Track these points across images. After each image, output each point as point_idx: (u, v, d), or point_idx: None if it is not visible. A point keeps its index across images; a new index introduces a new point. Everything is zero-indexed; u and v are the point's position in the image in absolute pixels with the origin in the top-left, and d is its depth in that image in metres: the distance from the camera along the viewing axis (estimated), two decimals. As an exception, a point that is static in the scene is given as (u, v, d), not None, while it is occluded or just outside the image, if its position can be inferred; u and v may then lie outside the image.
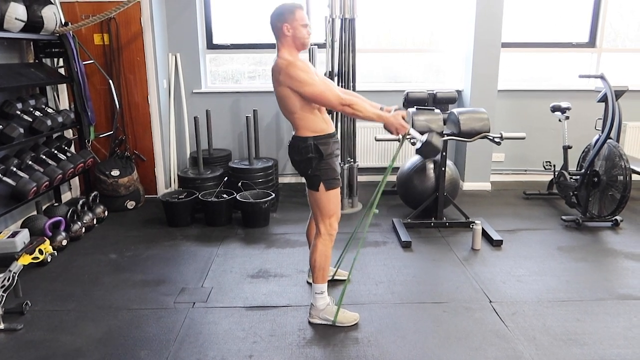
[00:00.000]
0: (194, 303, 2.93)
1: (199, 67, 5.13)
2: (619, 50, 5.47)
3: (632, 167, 4.04)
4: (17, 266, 2.88)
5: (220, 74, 5.45)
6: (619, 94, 4.03)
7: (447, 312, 2.81)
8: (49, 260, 3.42)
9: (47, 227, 3.61)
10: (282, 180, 5.27)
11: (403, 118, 2.51)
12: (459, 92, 5.18)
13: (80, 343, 2.54)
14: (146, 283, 3.19)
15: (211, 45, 5.24)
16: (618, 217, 4.05)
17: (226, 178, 4.50)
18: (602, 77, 3.96)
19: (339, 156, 2.69)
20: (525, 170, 5.49)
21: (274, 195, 4.26)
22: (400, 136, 2.56)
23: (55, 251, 3.50)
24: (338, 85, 4.42)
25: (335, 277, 3.16)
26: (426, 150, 2.64)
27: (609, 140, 3.97)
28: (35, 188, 3.56)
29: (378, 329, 2.65)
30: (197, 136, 4.59)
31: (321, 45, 4.65)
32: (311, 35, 2.56)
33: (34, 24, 3.82)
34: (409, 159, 4.42)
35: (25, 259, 3.01)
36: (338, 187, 2.61)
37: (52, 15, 3.93)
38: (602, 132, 3.99)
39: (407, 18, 5.32)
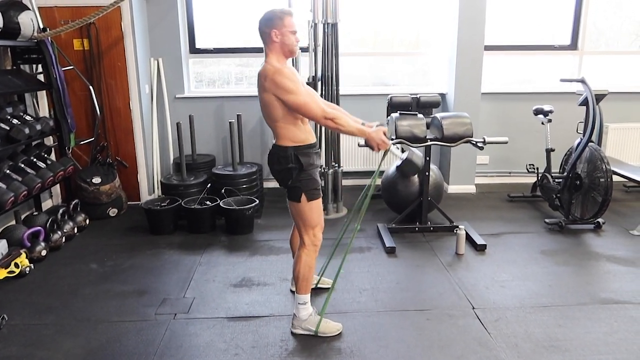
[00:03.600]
0: (176, 314, 2.89)
1: (181, 72, 5.08)
2: (601, 53, 5.52)
3: (613, 169, 4.08)
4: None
5: (207, 75, 5.40)
6: (599, 97, 4.06)
7: (431, 320, 2.80)
8: (27, 271, 3.35)
9: (26, 238, 3.54)
10: (267, 185, 5.24)
11: (384, 134, 2.50)
12: (443, 95, 5.19)
13: (58, 359, 2.49)
14: (127, 294, 3.14)
15: (194, 50, 5.19)
16: (600, 220, 4.08)
17: (209, 185, 4.46)
18: (582, 81, 3.99)
19: (320, 167, 2.66)
20: (510, 173, 5.52)
21: (258, 201, 4.23)
22: (382, 152, 2.54)
23: (32, 264, 3.44)
24: (321, 89, 4.41)
25: (319, 285, 3.14)
26: (406, 169, 2.63)
27: (590, 144, 4.00)
28: (12, 198, 3.49)
29: (361, 338, 2.63)
30: (179, 142, 4.54)
31: (304, 50, 4.63)
32: (299, 43, 2.53)
33: (10, 30, 3.74)
34: (394, 163, 4.42)
35: (1, 273, 2.95)
36: (320, 197, 2.59)
37: (29, 21, 3.86)
38: (584, 135, 4.02)
39: (392, 21, 5.32)
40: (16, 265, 3.16)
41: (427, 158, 3.94)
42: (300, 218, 2.58)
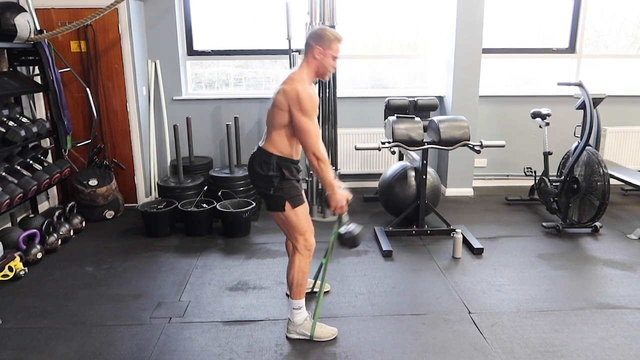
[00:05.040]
0: (171, 318, 2.88)
1: (179, 74, 5.07)
2: (599, 56, 5.51)
3: (611, 172, 4.08)
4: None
5: (206, 77, 5.39)
6: (597, 101, 4.06)
7: (426, 324, 2.79)
8: (22, 275, 3.33)
9: (21, 240, 3.53)
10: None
11: (347, 201, 2.55)
12: (440, 98, 5.19)
13: (51, 363, 2.48)
14: (122, 297, 3.13)
15: (191, 52, 5.19)
16: (597, 224, 4.07)
17: (205, 187, 4.45)
18: (580, 85, 3.98)
19: (300, 181, 2.64)
20: (507, 176, 5.52)
21: (254, 204, 4.22)
22: (336, 215, 2.62)
23: (27, 267, 3.42)
24: (318, 91, 4.40)
25: (315, 289, 3.13)
26: (344, 239, 2.66)
27: (587, 147, 4.00)
28: (8, 201, 3.48)
29: (356, 343, 2.62)
30: (176, 144, 4.53)
31: (302, 52, 4.62)
32: (334, 69, 2.60)
33: (6, 32, 3.74)
34: (391, 166, 4.41)
35: (-5, 277, 2.94)
36: (304, 202, 2.60)
37: (25, 23, 3.86)
38: (581, 139, 4.02)
39: (390, 24, 5.32)
40: (10, 269, 3.15)
41: (425, 161, 3.94)
42: (290, 226, 2.57)
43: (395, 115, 3.97)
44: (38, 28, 4.12)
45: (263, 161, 2.53)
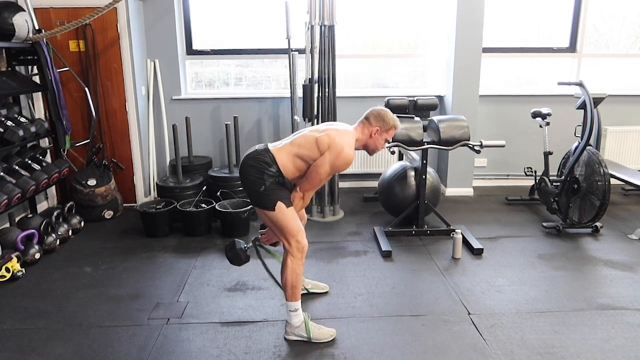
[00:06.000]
0: (169, 319, 2.87)
1: (178, 74, 5.05)
2: (599, 56, 5.49)
3: (611, 172, 4.06)
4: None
5: (206, 75, 5.38)
6: (597, 101, 4.04)
7: (426, 326, 2.78)
8: (19, 275, 3.32)
9: (19, 240, 3.52)
10: (264, 187, 5.21)
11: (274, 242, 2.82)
12: (440, 97, 5.17)
13: (49, 364, 2.47)
14: (120, 298, 3.12)
15: (191, 51, 5.17)
16: (598, 224, 4.05)
17: (204, 187, 4.43)
18: (580, 85, 3.96)
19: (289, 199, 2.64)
20: (508, 175, 5.50)
21: (253, 204, 4.20)
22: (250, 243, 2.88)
23: (25, 268, 3.41)
24: (318, 91, 4.39)
25: (312, 290, 3.12)
26: (231, 255, 2.82)
27: (588, 147, 3.98)
28: (6, 201, 3.47)
29: (355, 344, 2.61)
30: (175, 144, 4.52)
31: (301, 51, 4.61)
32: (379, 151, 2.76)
33: (4, 31, 3.73)
34: (391, 166, 4.40)
35: (-8, 278, 2.93)
36: (291, 205, 2.60)
37: (23, 23, 3.84)
38: (582, 138, 4.00)
39: (390, 23, 5.30)
40: (7, 270, 3.14)
41: (424, 161, 3.92)
42: (281, 226, 2.55)
43: (395, 115, 3.94)
44: (36, 27, 4.10)
45: (264, 161, 2.52)
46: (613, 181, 3.98)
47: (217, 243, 3.97)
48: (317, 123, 4.38)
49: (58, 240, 3.84)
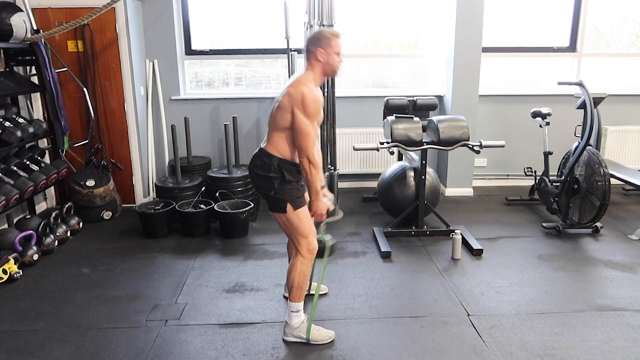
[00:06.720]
0: (167, 321, 2.85)
1: (177, 74, 5.04)
2: (600, 55, 5.47)
3: (611, 172, 4.05)
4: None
5: (206, 75, 5.36)
6: (597, 100, 4.02)
7: (425, 327, 2.76)
8: (17, 277, 3.31)
9: (18, 242, 3.51)
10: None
11: (328, 210, 2.59)
12: (440, 97, 5.16)
13: (46, 366, 2.46)
14: (118, 299, 3.11)
15: (189, 51, 5.16)
16: (598, 224, 4.04)
17: (203, 188, 4.42)
18: (580, 84, 3.94)
19: (304, 186, 2.60)
20: (508, 175, 5.48)
21: (253, 205, 4.19)
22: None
23: (22, 269, 3.40)
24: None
25: (312, 292, 3.10)
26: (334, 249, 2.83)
27: (588, 147, 3.96)
28: (4, 202, 3.46)
29: (353, 346, 2.60)
30: (174, 145, 4.50)
31: (301, 51, 4.59)
32: (342, 63, 2.58)
33: (2, 32, 3.72)
34: (390, 166, 4.38)
35: (-12, 279, 2.92)
36: (305, 204, 2.58)
37: (21, 23, 3.83)
38: (582, 138, 3.98)
39: (389, 23, 5.28)
40: (4, 272, 3.12)
41: (424, 161, 3.91)
42: (292, 228, 2.55)
43: (394, 115, 3.94)
44: (34, 28, 4.09)
45: (264, 162, 2.51)
46: (613, 181, 3.96)
47: (215, 244, 3.96)
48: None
49: (56, 242, 3.83)
